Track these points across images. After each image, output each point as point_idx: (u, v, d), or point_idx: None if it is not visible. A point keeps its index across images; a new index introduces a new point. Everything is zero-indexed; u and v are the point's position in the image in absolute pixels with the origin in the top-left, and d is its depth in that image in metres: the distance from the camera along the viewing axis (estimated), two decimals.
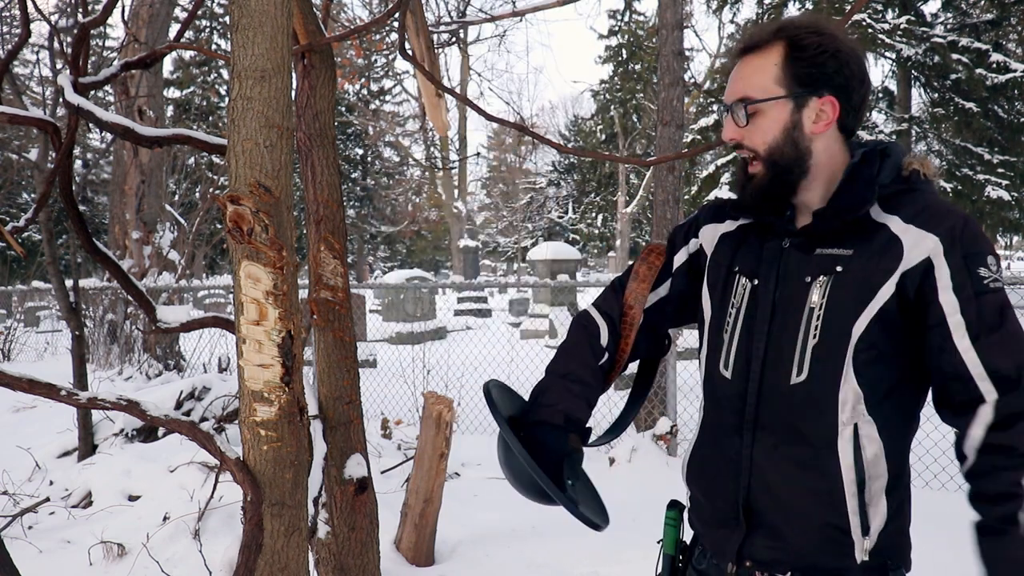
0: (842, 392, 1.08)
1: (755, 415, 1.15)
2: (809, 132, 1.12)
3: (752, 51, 1.15)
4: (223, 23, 24.90)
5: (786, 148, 1.12)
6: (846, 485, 1.08)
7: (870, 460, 1.09)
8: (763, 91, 1.12)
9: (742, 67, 1.16)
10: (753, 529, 1.15)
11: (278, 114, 1.25)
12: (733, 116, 1.15)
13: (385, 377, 7.56)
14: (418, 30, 2.39)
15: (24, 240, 18.26)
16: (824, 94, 1.12)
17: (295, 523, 1.35)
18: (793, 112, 1.12)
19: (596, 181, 31.88)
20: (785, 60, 1.12)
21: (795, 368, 1.11)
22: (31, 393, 1.53)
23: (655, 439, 4.92)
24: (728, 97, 1.17)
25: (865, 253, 1.09)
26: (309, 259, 2.13)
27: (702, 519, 1.26)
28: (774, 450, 1.13)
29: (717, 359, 1.22)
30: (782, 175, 1.13)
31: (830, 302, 1.09)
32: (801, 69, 1.11)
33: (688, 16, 21.68)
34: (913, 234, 1.07)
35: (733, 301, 1.21)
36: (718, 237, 1.29)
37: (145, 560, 3.18)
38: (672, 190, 5.60)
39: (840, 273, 1.09)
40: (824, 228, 1.13)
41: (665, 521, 1.36)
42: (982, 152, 13.05)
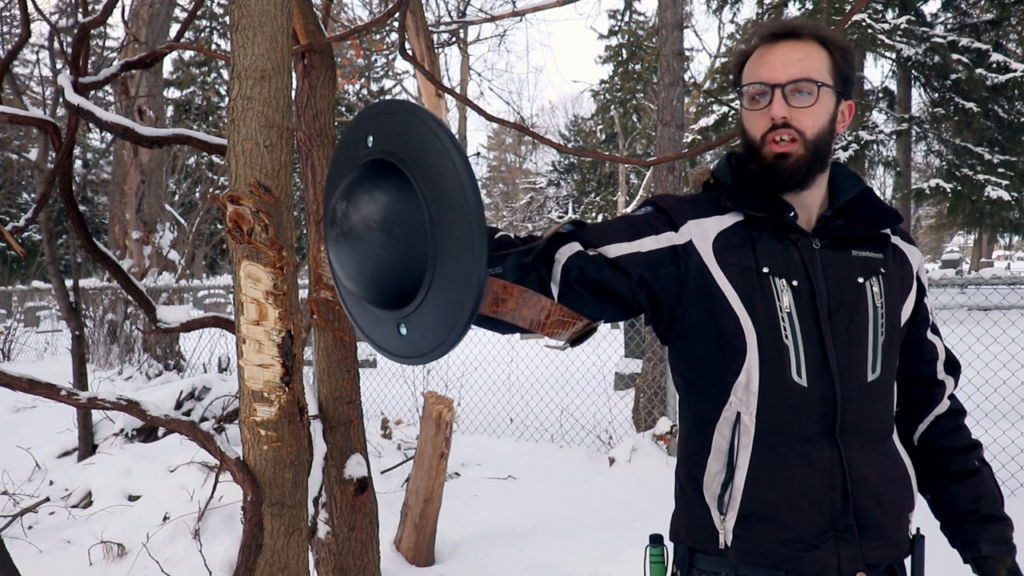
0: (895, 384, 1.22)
1: (842, 418, 1.13)
2: (837, 128, 1.19)
3: (795, 38, 1.16)
4: (223, 23, 24.90)
5: (827, 136, 1.16)
6: (909, 468, 1.21)
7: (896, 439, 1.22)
8: (823, 77, 1.15)
9: (792, 50, 1.14)
10: (863, 533, 1.14)
11: (278, 114, 1.25)
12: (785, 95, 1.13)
13: (385, 377, 7.56)
14: (418, 30, 2.39)
15: (24, 240, 18.25)
16: (849, 99, 1.20)
17: (295, 523, 1.35)
18: (835, 106, 1.18)
19: (596, 181, 31.88)
20: (831, 57, 1.16)
21: (870, 366, 1.16)
22: (31, 393, 1.53)
23: (655, 439, 4.92)
24: (779, 75, 1.13)
25: (890, 258, 1.21)
26: (309, 259, 2.13)
27: (781, 541, 1.13)
28: (861, 450, 1.15)
29: (784, 367, 1.13)
30: (818, 161, 1.16)
31: (887, 301, 1.18)
32: (840, 69, 1.17)
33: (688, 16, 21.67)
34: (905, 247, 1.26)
35: (780, 305, 1.14)
36: (714, 236, 1.18)
37: (145, 560, 3.18)
38: (672, 190, 5.60)
39: (885, 275, 1.19)
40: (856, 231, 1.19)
41: (650, 559, 1.28)
42: (982, 152, 13.06)
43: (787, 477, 1.13)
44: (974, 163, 13.10)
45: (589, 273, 1.10)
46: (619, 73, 28.79)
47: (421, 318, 0.90)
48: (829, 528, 1.12)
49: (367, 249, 0.89)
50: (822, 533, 1.12)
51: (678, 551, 1.27)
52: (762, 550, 1.14)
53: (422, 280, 0.88)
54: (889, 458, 1.18)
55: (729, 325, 1.15)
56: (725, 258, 1.16)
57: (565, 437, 5.65)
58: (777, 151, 1.14)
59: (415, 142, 0.89)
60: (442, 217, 0.86)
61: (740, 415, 1.15)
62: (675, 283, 1.16)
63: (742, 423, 1.15)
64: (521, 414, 6.37)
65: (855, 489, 1.12)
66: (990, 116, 12.96)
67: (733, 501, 1.15)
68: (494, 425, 6.11)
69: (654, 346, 5.49)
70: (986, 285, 4.75)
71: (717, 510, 1.17)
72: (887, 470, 1.17)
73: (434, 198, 0.87)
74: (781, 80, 1.13)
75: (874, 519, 1.14)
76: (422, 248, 0.88)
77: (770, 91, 1.13)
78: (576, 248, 1.12)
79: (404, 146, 0.90)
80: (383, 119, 0.94)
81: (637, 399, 5.53)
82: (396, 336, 0.94)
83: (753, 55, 1.18)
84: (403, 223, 0.88)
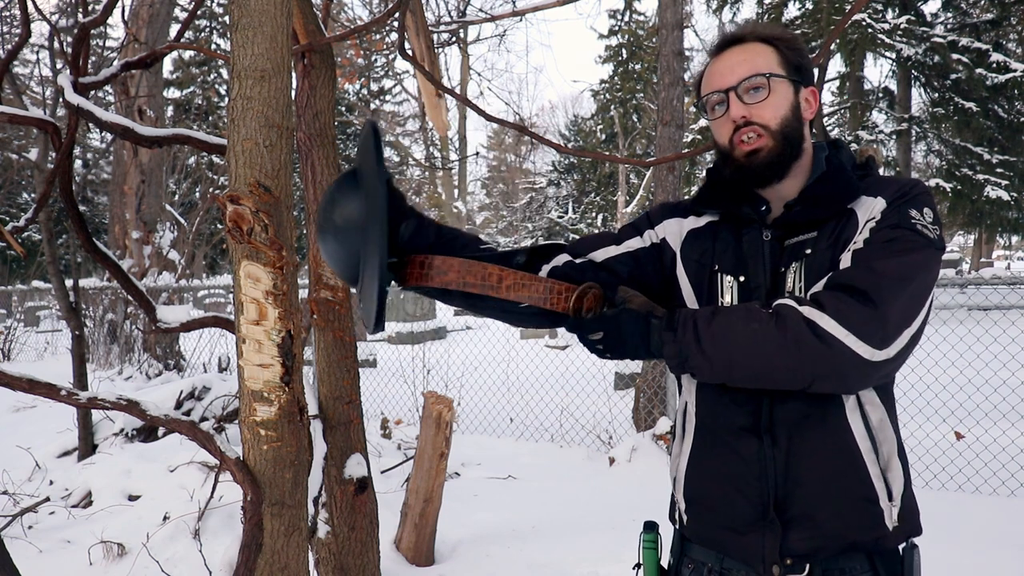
0: None
1: (770, 412, 1.14)
2: (803, 116, 1.20)
3: (737, 44, 1.21)
4: (223, 23, 24.89)
5: (794, 123, 1.18)
6: (864, 453, 1.12)
7: (876, 426, 1.13)
8: (772, 70, 1.18)
9: (738, 54, 1.20)
10: (788, 525, 1.13)
11: (278, 114, 1.25)
12: (738, 96, 1.17)
13: (385, 377, 7.57)
14: (418, 30, 2.39)
15: (24, 240, 18.26)
16: (809, 85, 1.22)
17: (295, 523, 1.35)
18: (794, 95, 1.19)
19: (596, 181, 31.86)
20: (777, 51, 1.20)
21: None
22: (31, 393, 1.53)
23: (655, 439, 4.92)
24: (729, 79, 1.18)
25: (827, 231, 1.15)
26: (309, 259, 2.13)
27: (719, 527, 1.20)
28: (792, 440, 1.13)
29: None
30: (789, 149, 1.17)
31: (808, 285, 1.13)
32: (792, 59, 1.20)
33: (688, 16, 21.68)
34: (864, 203, 1.15)
35: (722, 301, 1.20)
36: (686, 233, 1.28)
37: (145, 560, 3.18)
38: (672, 190, 5.60)
39: (809, 255, 1.15)
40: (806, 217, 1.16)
41: (643, 545, 1.31)
42: (982, 152, 13.06)
43: (719, 467, 1.19)
44: (974, 163, 13.10)
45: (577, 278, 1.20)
46: (619, 73, 28.78)
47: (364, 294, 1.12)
48: (759, 518, 1.15)
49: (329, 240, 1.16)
50: (752, 522, 1.16)
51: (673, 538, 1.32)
52: (704, 532, 1.23)
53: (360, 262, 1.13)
54: (830, 443, 1.12)
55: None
56: (689, 254, 1.26)
57: (565, 437, 5.65)
58: (746, 150, 1.18)
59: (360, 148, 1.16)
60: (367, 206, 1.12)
61: (687, 403, 1.26)
62: (659, 277, 1.29)
63: (688, 411, 1.26)
64: (521, 414, 6.37)
65: (781, 481, 1.13)
66: (990, 116, 12.96)
67: (679, 483, 1.27)
68: (494, 425, 6.11)
69: None
70: (986, 285, 4.74)
71: (674, 489, 1.29)
72: (826, 457, 1.12)
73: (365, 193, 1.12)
74: (732, 83, 1.18)
75: (803, 510, 1.12)
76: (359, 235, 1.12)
77: (725, 96, 1.19)
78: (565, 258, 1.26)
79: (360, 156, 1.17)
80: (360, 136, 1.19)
81: (637, 399, 5.54)
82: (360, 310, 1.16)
83: (706, 70, 1.24)
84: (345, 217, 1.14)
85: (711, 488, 1.20)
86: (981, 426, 4.96)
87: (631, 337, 1.11)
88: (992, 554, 3.29)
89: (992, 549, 3.35)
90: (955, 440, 4.68)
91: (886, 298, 1.02)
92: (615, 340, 1.12)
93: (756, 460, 1.15)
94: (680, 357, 1.08)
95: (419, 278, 1.14)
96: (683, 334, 1.08)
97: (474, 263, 1.13)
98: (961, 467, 4.37)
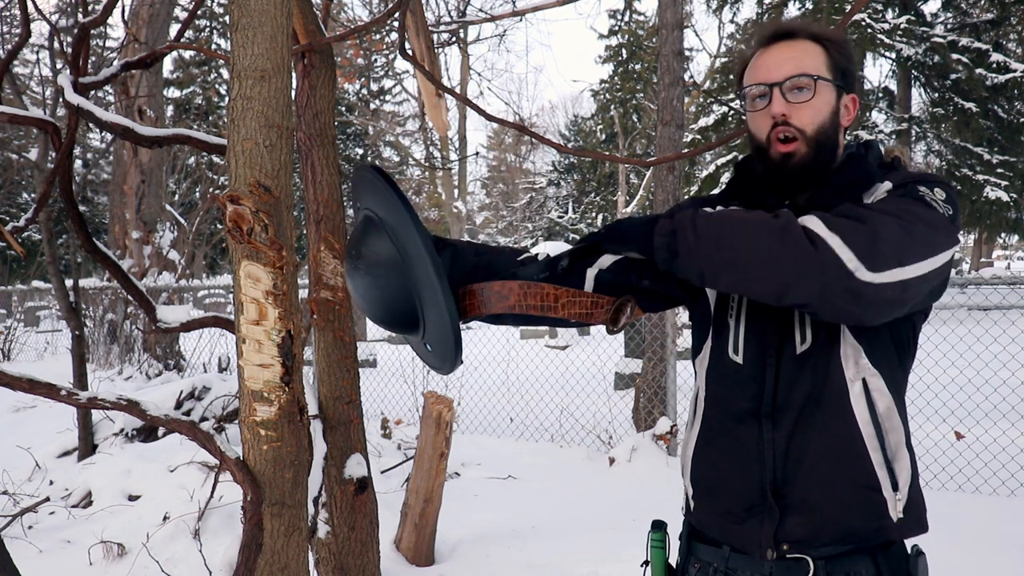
0: (842, 349, 1.12)
1: (773, 396, 1.14)
2: (841, 123, 1.19)
3: (790, 38, 1.18)
4: (223, 23, 24.89)
5: (830, 131, 1.17)
6: (866, 439, 1.10)
7: (883, 413, 1.12)
8: (819, 72, 1.16)
9: (787, 49, 1.18)
10: (785, 510, 1.13)
11: (278, 114, 1.25)
12: (783, 92, 1.15)
13: (385, 377, 7.56)
14: (418, 30, 2.39)
15: (24, 240, 18.26)
16: (851, 92, 1.20)
17: (295, 523, 1.35)
18: (837, 99, 1.18)
19: (596, 181, 31.87)
20: (827, 52, 1.17)
21: (799, 338, 1.14)
22: (31, 393, 1.53)
23: (655, 439, 4.92)
24: (775, 74, 1.16)
25: None
26: (309, 259, 2.13)
27: (719, 513, 1.21)
28: (795, 426, 1.13)
29: (724, 345, 1.20)
30: (823, 157, 1.16)
31: None
32: (839, 63, 1.18)
33: (688, 16, 21.68)
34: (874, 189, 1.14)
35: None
36: None
37: (145, 560, 3.18)
38: (672, 190, 5.60)
39: None
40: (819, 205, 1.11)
41: (651, 543, 1.32)
42: (982, 152, 13.06)
43: (721, 451, 1.20)
44: (974, 163, 13.10)
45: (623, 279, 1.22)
46: (619, 73, 28.78)
47: (433, 338, 1.13)
48: (759, 504, 1.15)
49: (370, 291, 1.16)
50: (750, 508, 1.16)
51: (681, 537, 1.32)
52: (707, 519, 1.24)
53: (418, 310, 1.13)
54: (830, 429, 1.11)
55: (702, 304, 1.27)
56: None
57: (565, 437, 5.65)
58: (783, 151, 1.17)
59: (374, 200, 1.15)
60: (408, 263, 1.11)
61: (699, 389, 1.27)
62: None
63: (699, 397, 1.26)
64: (521, 414, 6.37)
65: (780, 465, 1.13)
66: (990, 116, 12.96)
67: (686, 469, 1.28)
68: (494, 425, 6.11)
69: (654, 346, 5.49)
70: (986, 285, 4.74)
71: (683, 476, 1.29)
72: (824, 443, 1.11)
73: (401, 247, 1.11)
74: (778, 78, 1.16)
75: (800, 496, 1.12)
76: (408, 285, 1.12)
77: (768, 90, 1.17)
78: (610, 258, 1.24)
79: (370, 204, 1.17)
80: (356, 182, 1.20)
81: (637, 399, 5.54)
82: (428, 353, 1.18)
83: (752, 59, 1.22)
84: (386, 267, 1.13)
85: (713, 473, 1.21)
86: (981, 426, 4.96)
87: (632, 228, 1.14)
88: (992, 554, 3.29)
89: (992, 549, 3.35)
90: (955, 440, 4.69)
91: (881, 227, 0.99)
92: (616, 226, 1.16)
93: (755, 444, 1.15)
94: (670, 227, 1.08)
95: (479, 307, 1.15)
96: (679, 211, 1.11)
97: (532, 285, 1.14)
98: (961, 467, 4.37)
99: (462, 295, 1.17)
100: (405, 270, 1.12)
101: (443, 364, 1.16)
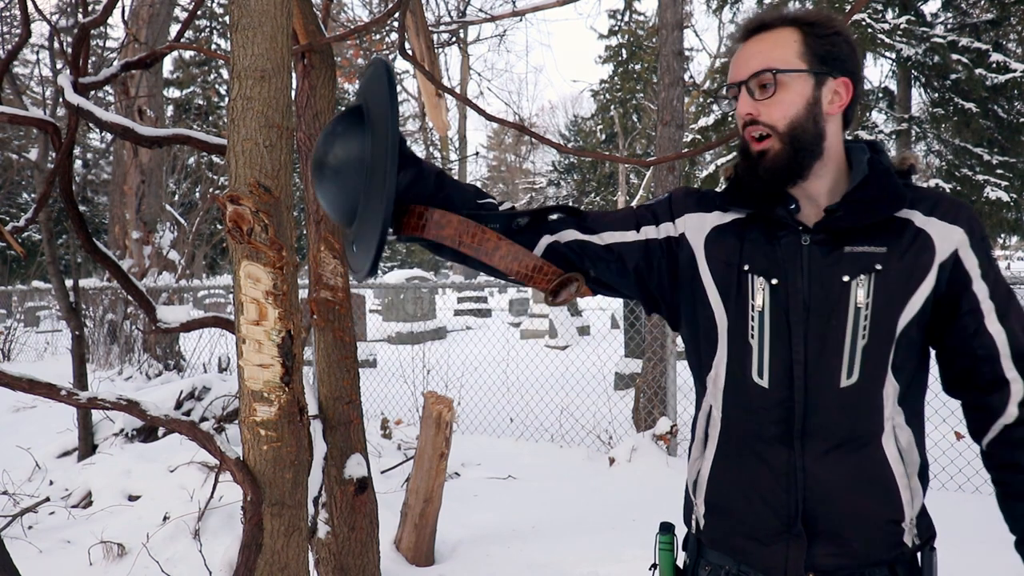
0: (885, 389, 1.10)
1: (803, 422, 1.10)
2: (825, 112, 1.12)
3: (764, 30, 1.14)
4: (223, 23, 24.89)
5: (807, 124, 1.11)
6: (898, 478, 1.10)
7: (905, 448, 1.11)
8: (786, 64, 1.10)
9: (757, 43, 1.13)
10: (814, 539, 1.11)
11: (278, 114, 1.25)
12: (749, 90, 1.12)
13: (385, 377, 7.57)
14: (418, 30, 2.39)
15: (24, 240, 18.26)
16: (839, 76, 1.12)
17: (295, 523, 1.35)
18: (814, 88, 1.11)
19: (596, 181, 31.87)
20: (803, 38, 1.11)
21: (845, 370, 1.09)
22: (31, 393, 1.53)
23: (655, 439, 4.92)
24: (742, 72, 1.13)
25: (899, 249, 1.09)
26: (309, 259, 2.13)
27: (741, 535, 1.17)
28: (826, 456, 1.10)
29: (747, 367, 1.14)
30: (801, 152, 1.11)
31: (876, 301, 1.08)
32: (819, 47, 1.11)
33: (688, 16, 21.68)
34: (938, 227, 1.10)
35: (753, 304, 1.15)
36: (709, 229, 1.21)
37: (145, 560, 3.18)
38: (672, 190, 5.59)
39: (880, 271, 1.09)
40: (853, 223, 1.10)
41: (659, 546, 1.29)
42: (982, 152, 13.06)
43: (744, 475, 1.16)
44: (973, 163, 13.09)
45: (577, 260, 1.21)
46: (619, 73, 28.80)
47: (361, 236, 1.09)
48: (783, 530, 1.12)
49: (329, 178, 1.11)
50: (776, 533, 1.13)
51: (688, 540, 1.30)
52: (723, 540, 1.19)
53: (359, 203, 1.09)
54: (866, 466, 1.10)
55: (706, 318, 1.19)
56: (713, 252, 1.20)
57: (565, 437, 5.65)
58: (757, 149, 1.14)
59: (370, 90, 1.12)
60: (374, 149, 1.07)
61: (711, 407, 1.20)
62: (668, 273, 1.23)
63: (712, 415, 1.20)
64: (521, 414, 6.37)
65: (809, 495, 1.11)
66: (990, 116, 12.95)
67: (699, 489, 1.22)
68: (494, 425, 6.11)
69: (654, 346, 5.49)
70: None
71: (693, 494, 1.24)
72: (859, 478, 1.10)
73: (372, 133, 1.07)
74: (743, 76, 1.13)
75: (830, 527, 1.11)
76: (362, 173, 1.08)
77: (736, 89, 1.14)
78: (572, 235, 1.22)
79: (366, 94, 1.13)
80: (366, 71, 1.15)
81: (637, 399, 5.53)
82: (352, 254, 1.13)
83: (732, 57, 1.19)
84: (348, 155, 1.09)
85: (735, 496, 1.17)
86: None
87: None
88: (992, 554, 3.29)
89: (992, 549, 3.35)
90: (955, 440, 4.68)
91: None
92: None
93: (784, 470, 1.12)
94: None
95: (415, 228, 1.13)
96: None
97: (473, 224, 1.12)
98: (961, 467, 4.37)
99: (406, 211, 1.14)
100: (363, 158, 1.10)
101: (360, 268, 1.11)
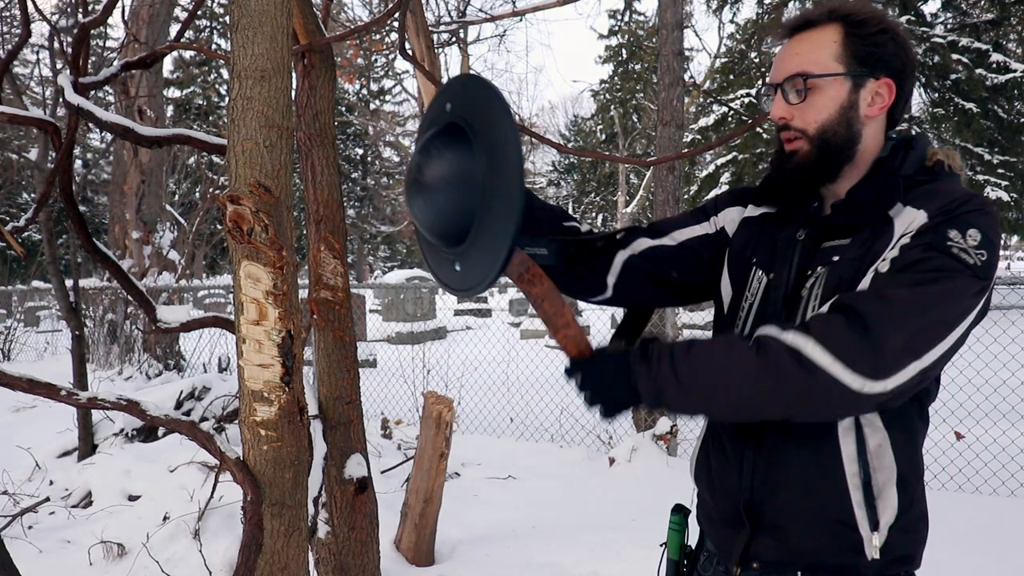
0: None
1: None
2: (863, 115, 1.09)
3: (805, 29, 1.11)
4: (223, 23, 24.89)
5: (839, 128, 1.09)
6: (848, 477, 1.06)
7: (873, 451, 1.05)
8: (821, 67, 1.08)
9: (795, 44, 1.11)
10: (758, 529, 1.13)
11: (278, 114, 1.25)
12: (783, 94, 1.11)
13: (385, 377, 7.56)
14: (418, 30, 2.40)
15: (24, 240, 18.24)
16: (881, 76, 1.08)
17: (295, 523, 1.35)
18: (851, 92, 1.08)
19: (596, 181, 31.88)
20: (844, 38, 1.08)
21: None
22: (31, 393, 1.53)
23: (655, 439, 4.92)
24: (778, 75, 1.11)
25: (860, 239, 1.07)
26: (309, 259, 2.13)
27: (708, 518, 1.25)
28: (776, 448, 1.11)
29: None
30: (830, 156, 1.10)
31: (824, 293, 1.06)
32: (861, 48, 1.08)
33: (688, 16, 21.67)
34: (906, 214, 1.03)
35: (747, 295, 1.18)
36: (740, 220, 1.26)
37: (145, 560, 3.18)
38: (672, 190, 5.60)
39: (835, 263, 1.07)
40: (841, 222, 1.09)
41: (669, 526, 1.33)
42: (982, 152, 13.05)
43: (713, 462, 1.22)
44: (974, 163, 13.09)
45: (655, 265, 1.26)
46: (619, 73, 28.81)
47: (473, 259, 1.07)
48: (736, 516, 1.16)
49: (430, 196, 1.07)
50: (730, 519, 1.17)
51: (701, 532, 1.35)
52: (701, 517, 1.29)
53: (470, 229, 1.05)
54: (812, 461, 1.08)
55: (718, 304, 1.26)
56: (735, 243, 1.25)
57: (565, 437, 5.65)
58: (787, 150, 1.14)
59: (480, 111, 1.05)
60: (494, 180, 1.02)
61: None
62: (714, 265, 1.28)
63: None
64: (521, 414, 6.37)
65: (758, 484, 1.13)
66: (990, 116, 12.94)
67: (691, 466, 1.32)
68: (494, 425, 6.11)
69: None
70: None
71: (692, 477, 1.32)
72: (804, 472, 1.08)
73: (489, 162, 1.03)
74: (778, 79, 1.12)
75: (775, 519, 1.11)
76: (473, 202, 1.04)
77: (773, 91, 1.14)
78: (645, 243, 1.27)
79: (471, 113, 1.06)
80: (461, 88, 1.11)
81: None
82: (452, 271, 1.11)
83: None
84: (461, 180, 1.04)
85: (705, 478, 1.25)
86: (981, 426, 4.97)
87: (610, 376, 1.04)
88: (992, 554, 3.29)
89: (992, 549, 3.36)
90: (955, 440, 4.69)
91: (886, 326, 0.92)
92: (596, 382, 1.05)
93: (737, 461, 1.16)
94: (655, 388, 1.00)
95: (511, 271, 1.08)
96: (658, 365, 1.00)
97: (557, 296, 1.09)
98: (961, 467, 4.37)
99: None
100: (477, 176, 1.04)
101: (470, 285, 1.08)
